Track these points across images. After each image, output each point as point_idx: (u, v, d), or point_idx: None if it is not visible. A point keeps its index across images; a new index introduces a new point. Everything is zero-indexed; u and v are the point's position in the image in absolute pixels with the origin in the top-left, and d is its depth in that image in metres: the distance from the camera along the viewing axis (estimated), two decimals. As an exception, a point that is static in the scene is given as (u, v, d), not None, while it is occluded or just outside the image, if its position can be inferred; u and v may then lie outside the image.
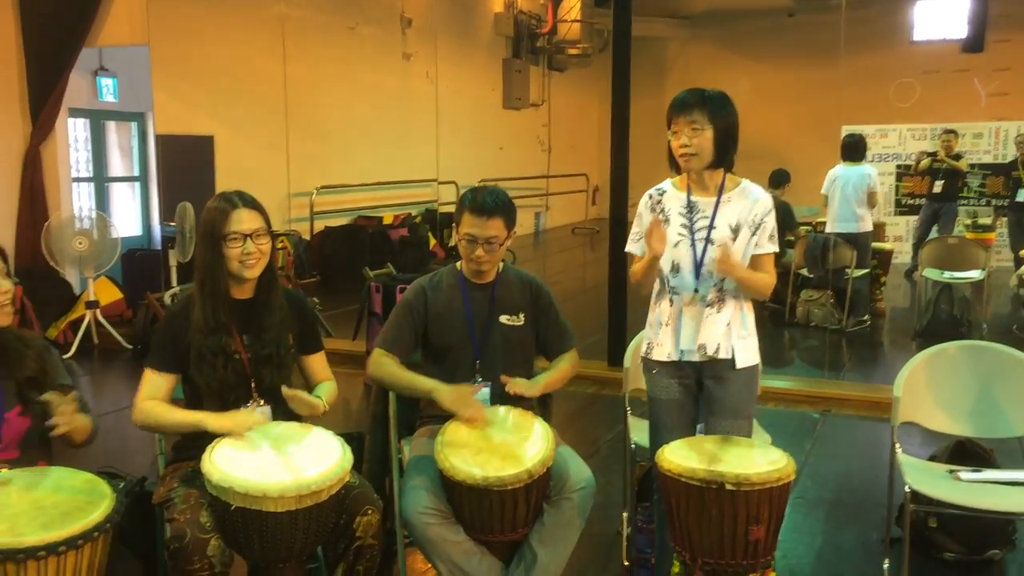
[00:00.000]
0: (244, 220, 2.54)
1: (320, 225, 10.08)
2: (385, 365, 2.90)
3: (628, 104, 5.83)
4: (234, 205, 2.55)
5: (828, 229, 7.70)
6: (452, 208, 12.68)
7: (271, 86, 9.70)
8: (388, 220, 11.14)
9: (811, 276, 7.64)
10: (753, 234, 2.75)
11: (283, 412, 2.66)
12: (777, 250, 2.82)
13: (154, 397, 2.55)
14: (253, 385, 2.61)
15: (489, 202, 2.86)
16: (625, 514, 3.39)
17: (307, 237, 9.82)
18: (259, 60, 9.43)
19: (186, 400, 2.66)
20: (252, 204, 2.59)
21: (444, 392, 2.78)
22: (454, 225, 2.99)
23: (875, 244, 8.01)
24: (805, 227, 8.38)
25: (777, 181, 8.10)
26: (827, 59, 14.31)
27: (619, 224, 5.86)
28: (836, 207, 7.61)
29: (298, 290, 2.87)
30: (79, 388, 2.51)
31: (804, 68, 14.66)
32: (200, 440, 2.50)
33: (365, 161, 11.15)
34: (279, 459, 2.36)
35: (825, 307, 7.51)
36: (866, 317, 7.66)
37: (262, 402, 2.62)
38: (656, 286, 2.87)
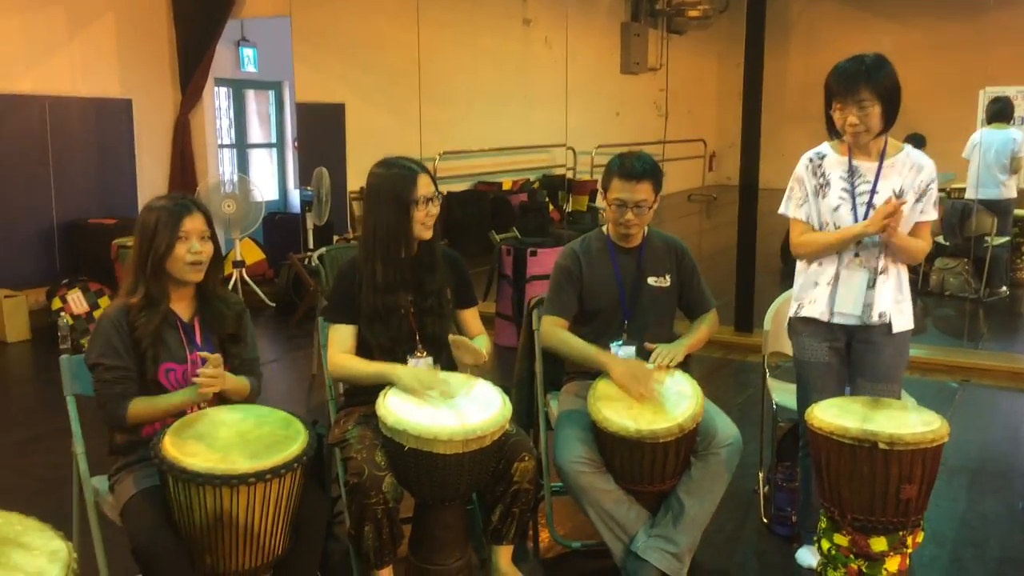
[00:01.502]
0: (427, 185, 2.70)
1: (442, 190, 10.32)
2: (558, 333, 2.98)
3: (761, 66, 5.76)
4: (415, 172, 2.69)
5: (968, 195, 7.42)
6: (569, 173, 12.77)
7: (399, 53, 9.94)
8: (507, 186, 11.31)
9: (947, 244, 7.39)
10: (918, 200, 2.76)
11: (445, 362, 2.83)
12: (937, 216, 2.82)
13: (345, 349, 2.73)
14: (418, 337, 2.78)
15: (638, 167, 2.93)
16: (761, 473, 3.46)
17: (431, 202, 10.08)
18: (390, 28, 9.67)
19: (357, 351, 2.85)
20: (427, 170, 2.75)
21: (617, 369, 2.82)
22: (600, 190, 3.08)
23: (1017, 211, 7.68)
24: (940, 193, 8.08)
25: (914, 145, 7.82)
26: (969, 15, 13.60)
27: (749, 189, 5.81)
28: (977, 172, 7.34)
29: (452, 249, 3.02)
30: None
31: (942, 25, 13.97)
32: (369, 388, 2.70)
33: (484, 127, 11.32)
34: (446, 406, 2.54)
35: (961, 276, 7.27)
36: (1004, 288, 7.37)
37: (425, 353, 2.79)
38: None
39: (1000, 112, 7.42)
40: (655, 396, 2.74)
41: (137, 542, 2.12)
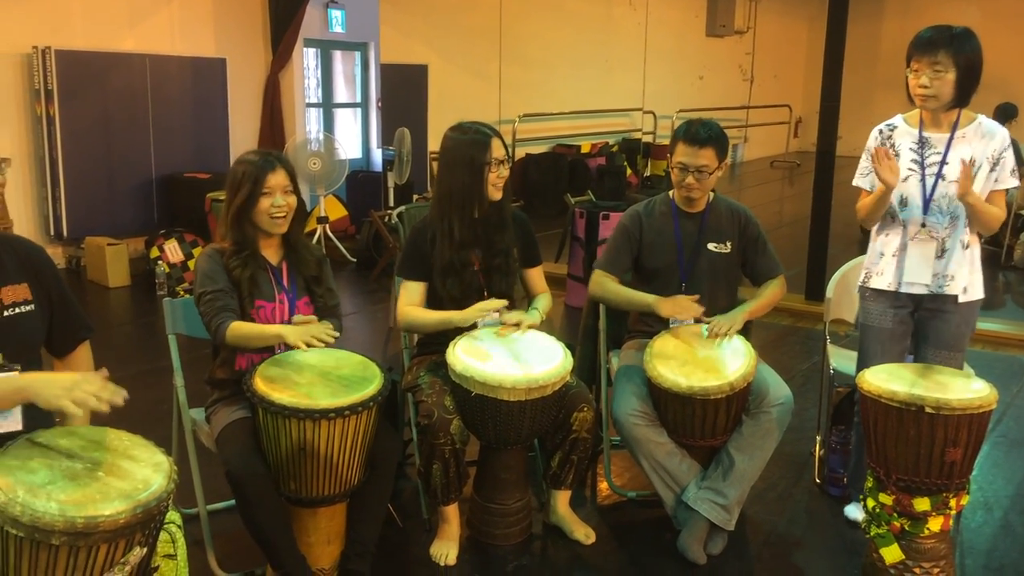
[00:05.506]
0: (499, 148, 2.86)
1: (520, 152, 10.45)
2: (605, 284, 3.16)
3: (844, 30, 5.66)
4: (489, 136, 2.85)
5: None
6: (649, 137, 12.74)
7: (482, 15, 10.05)
8: (586, 149, 11.36)
9: (1034, 217, 7.20)
10: (992, 170, 2.79)
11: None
12: (1018, 184, 2.82)
13: (412, 302, 2.93)
14: (485, 293, 2.94)
15: (702, 133, 3.02)
16: (818, 437, 3.54)
17: (509, 163, 10.23)
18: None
19: (428, 306, 3.03)
20: (499, 134, 2.90)
21: (663, 303, 3.01)
22: (668, 155, 3.18)
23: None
24: (1032, 165, 7.84)
25: (1004, 115, 7.62)
26: (1073, -20, 12.94)
27: (826, 156, 5.78)
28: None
29: (522, 210, 3.16)
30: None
31: (1045, -10, 13.34)
32: (440, 337, 2.89)
33: (565, 90, 11.37)
34: (511, 357, 2.71)
35: (1048, 251, 7.08)
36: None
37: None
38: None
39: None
40: (698, 311, 2.94)
41: (230, 466, 2.36)
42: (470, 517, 2.97)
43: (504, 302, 2.87)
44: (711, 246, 3.13)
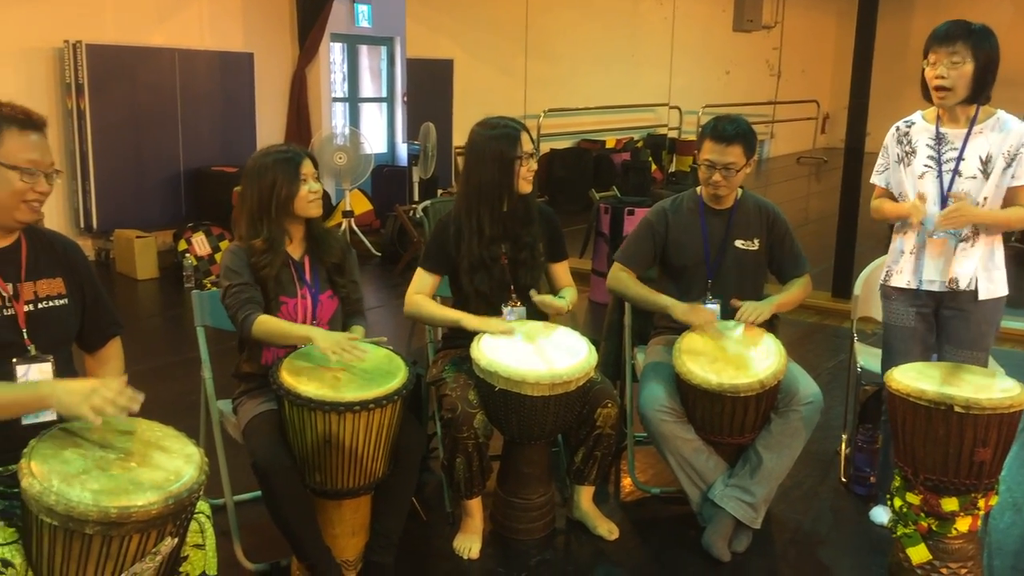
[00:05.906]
0: (528, 142, 2.86)
1: (545, 147, 10.44)
2: (623, 278, 3.15)
3: (874, 25, 5.59)
4: (518, 131, 2.86)
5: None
6: (675, 133, 12.68)
7: (508, 10, 10.04)
8: (611, 144, 11.33)
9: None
10: (1008, 166, 2.74)
11: (532, 312, 2.99)
12: None
13: (421, 291, 2.94)
14: (512, 287, 2.95)
15: (730, 130, 3.00)
16: (844, 435, 3.52)
17: (533, 158, 10.23)
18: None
19: (453, 300, 3.04)
20: (526, 128, 2.90)
21: (678, 306, 3.00)
22: (695, 151, 3.16)
23: None
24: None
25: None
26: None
27: (854, 153, 5.73)
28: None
29: (548, 205, 3.16)
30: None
31: (1080, -15, 13.11)
32: (465, 332, 2.89)
33: (590, 85, 11.33)
34: (536, 352, 2.71)
35: (1081, 249, 6.97)
36: None
37: (519, 303, 2.96)
38: None
39: None
40: (714, 322, 2.90)
41: (257, 458, 2.38)
42: (493, 511, 2.98)
43: (523, 311, 2.88)
44: (739, 243, 3.11)
